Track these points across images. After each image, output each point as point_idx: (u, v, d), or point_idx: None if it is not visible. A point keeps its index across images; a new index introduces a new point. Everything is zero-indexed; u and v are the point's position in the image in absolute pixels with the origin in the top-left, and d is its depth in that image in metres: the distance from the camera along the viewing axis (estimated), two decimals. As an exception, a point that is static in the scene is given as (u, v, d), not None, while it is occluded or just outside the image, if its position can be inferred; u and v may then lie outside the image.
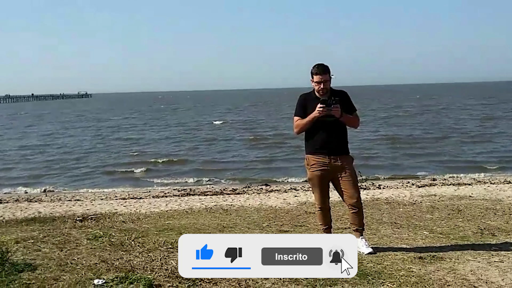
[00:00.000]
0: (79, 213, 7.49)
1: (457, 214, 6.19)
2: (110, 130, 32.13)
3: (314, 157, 4.24)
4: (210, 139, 24.71)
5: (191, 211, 7.40)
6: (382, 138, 22.59)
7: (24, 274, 3.50)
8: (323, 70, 4.17)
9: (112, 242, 4.50)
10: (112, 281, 3.35)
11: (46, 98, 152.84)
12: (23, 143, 25.70)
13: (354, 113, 4.29)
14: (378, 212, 6.52)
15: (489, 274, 3.61)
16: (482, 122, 29.36)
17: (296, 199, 8.75)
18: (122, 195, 11.72)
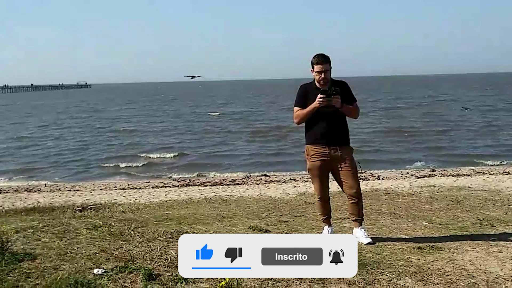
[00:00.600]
0: (79, 203, 7.50)
1: (456, 205, 6.21)
2: (105, 122, 31.86)
3: (314, 148, 4.23)
4: (209, 131, 24.63)
5: (190, 201, 7.41)
6: (382, 130, 22.55)
7: (24, 264, 3.51)
8: (324, 59, 4.14)
9: (111, 232, 4.50)
10: (111, 270, 3.36)
11: (45, 89, 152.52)
12: (17, 134, 25.65)
13: (354, 103, 4.28)
14: (377, 202, 6.54)
15: (487, 264, 3.62)
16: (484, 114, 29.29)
17: (295, 190, 8.78)
18: (121, 185, 11.74)
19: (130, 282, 3.18)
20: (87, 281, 3.16)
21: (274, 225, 5.15)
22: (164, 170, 15.14)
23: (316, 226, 4.90)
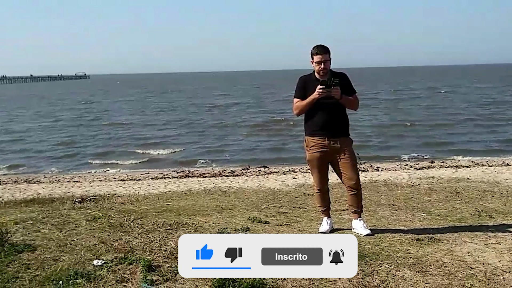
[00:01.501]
0: (78, 195, 7.51)
1: (455, 196, 6.22)
2: (100, 114, 31.52)
3: (313, 139, 4.22)
4: (209, 123, 24.51)
5: (189, 192, 7.42)
6: (381, 124, 22.41)
7: (24, 255, 3.52)
8: (323, 50, 4.13)
9: (111, 223, 4.52)
10: (111, 261, 3.37)
11: (44, 79, 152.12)
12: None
13: (354, 95, 4.27)
14: (376, 194, 6.55)
15: (486, 256, 3.63)
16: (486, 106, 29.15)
17: (294, 181, 8.79)
18: (120, 176, 11.75)
19: (130, 273, 3.19)
20: (86, 272, 3.18)
21: (273, 216, 5.16)
22: (163, 162, 15.12)
23: (315, 218, 4.90)
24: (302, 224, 4.78)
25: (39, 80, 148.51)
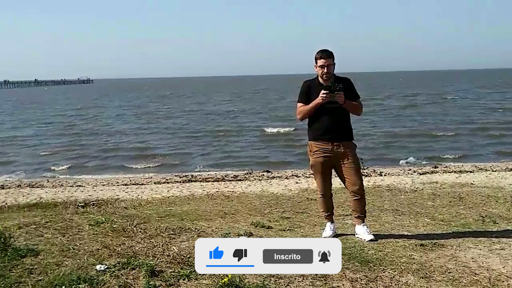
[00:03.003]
0: (81, 199, 7.50)
1: (458, 202, 6.19)
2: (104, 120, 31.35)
3: (317, 144, 4.22)
4: (210, 130, 24.41)
5: (192, 197, 7.41)
6: (385, 131, 22.22)
7: (27, 259, 3.51)
8: (327, 54, 4.14)
9: (114, 228, 4.51)
10: (114, 266, 3.36)
11: (47, 84, 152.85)
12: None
13: (358, 100, 4.27)
14: (380, 199, 6.53)
15: (490, 262, 3.61)
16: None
17: (297, 186, 8.77)
18: (123, 181, 11.75)
19: (133, 278, 3.18)
20: (89, 277, 3.17)
21: (276, 221, 5.14)
22: (166, 167, 15.11)
23: (319, 223, 4.89)
24: (305, 229, 4.77)
25: (42, 84, 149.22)
